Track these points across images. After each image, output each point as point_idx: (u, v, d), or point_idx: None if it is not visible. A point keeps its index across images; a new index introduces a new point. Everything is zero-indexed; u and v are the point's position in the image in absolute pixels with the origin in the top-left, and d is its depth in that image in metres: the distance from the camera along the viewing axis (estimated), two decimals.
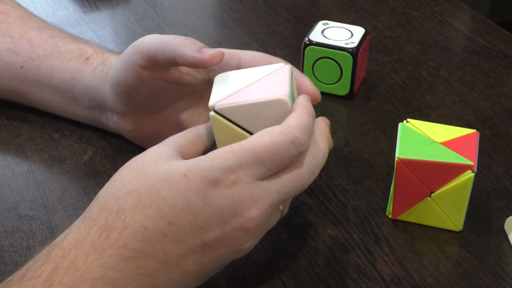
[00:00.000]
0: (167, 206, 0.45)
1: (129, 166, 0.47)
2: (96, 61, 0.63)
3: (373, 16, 0.91)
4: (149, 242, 0.44)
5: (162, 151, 0.48)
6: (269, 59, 0.56)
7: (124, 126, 0.63)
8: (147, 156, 0.48)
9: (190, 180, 0.45)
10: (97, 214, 0.45)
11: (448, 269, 0.55)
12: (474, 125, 0.71)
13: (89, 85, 0.62)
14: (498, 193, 0.63)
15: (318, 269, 0.55)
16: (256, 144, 0.46)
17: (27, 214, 0.58)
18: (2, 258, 0.54)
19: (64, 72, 0.63)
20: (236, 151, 0.46)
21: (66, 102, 0.65)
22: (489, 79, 0.79)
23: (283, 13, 0.91)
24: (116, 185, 0.46)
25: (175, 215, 0.45)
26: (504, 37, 0.87)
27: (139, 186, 0.45)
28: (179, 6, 0.92)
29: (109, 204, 0.45)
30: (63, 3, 0.91)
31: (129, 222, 0.44)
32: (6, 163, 0.64)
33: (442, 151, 0.56)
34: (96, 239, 0.44)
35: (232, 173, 0.46)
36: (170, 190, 0.45)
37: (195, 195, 0.45)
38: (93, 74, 0.62)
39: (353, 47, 0.72)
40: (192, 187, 0.45)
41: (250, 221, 0.46)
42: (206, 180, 0.45)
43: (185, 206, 0.45)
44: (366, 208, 0.60)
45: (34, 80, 0.65)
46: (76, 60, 0.64)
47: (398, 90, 0.77)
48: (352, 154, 0.67)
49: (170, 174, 0.46)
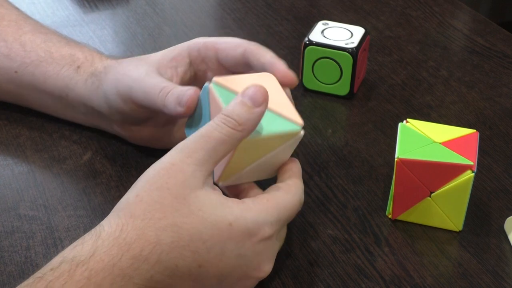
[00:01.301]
0: (204, 249, 0.45)
1: (169, 186, 0.45)
2: (87, 70, 0.62)
3: (373, 16, 0.91)
4: (174, 278, 0.45)
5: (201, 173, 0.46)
6: (244, 45, 0.57)
7: (123, 133, 0.64)
8: (187, 176, 0.46)
9: (234, 230, 0.46)
10: (133, 240, 0.44)
11: (448, 269, 0.55)
12: (474, 125, 0.71)
13: (83, 95, 0.62)
14: (498, 193, 0.63)
15: (318, 269, 0.55)
16: (286, 202, 0.49)
17: (27, 214, 0.58)
18: (2, 258, 0.54)
19: (57, 80, 0.63)
20: (275, 207, 0.48)
21: (63, 107, 0.65)
22: (489, 79, 0.79)
23: (283, 13, 0.91)
24: (157, 211, 0.45)
25: (207, 259, 0.45)
26: (504, 37, 0.87)
27: (181, 222, 0.45)
28: (179, 6, 0.92)
29: (148, 233, 0.44)
30: (63, 3, 0.90)
31: (163, 258, 0.44)
32: (6, 163, 0.64)
33: (442, 151, 0.56)
34: (127, 267, 0.43)
35: (270, 229, 0.48)
36: (213, 236, 0.45)
37: (233, 245, 0.46)
38: (85, 85, 0.61)
39: (353, 47, 0.72)
40: (233, 237, 0.46)
41: (265, 273, 0.49)
42: (247, 232, 0.46)
43: (219, 253, 0.46)
44: (366, 208, 0.60)
45: (29, 84, 0.65)
46: (68, 67, 0.63)
47: (398, 90, 0.77)
48: (352, 154, 0.67)
49: (216, 220, 0.46)
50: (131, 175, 0.63)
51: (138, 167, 0.64)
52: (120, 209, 0.46)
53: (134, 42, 0.83)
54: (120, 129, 0.63)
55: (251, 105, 0.47)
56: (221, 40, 0.58)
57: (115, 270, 0.43)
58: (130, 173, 0.63)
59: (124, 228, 0.44)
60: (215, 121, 0.47)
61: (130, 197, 0.46)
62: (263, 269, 0.49)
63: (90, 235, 0.45)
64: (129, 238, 0.44)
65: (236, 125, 0.47)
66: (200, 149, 0.47)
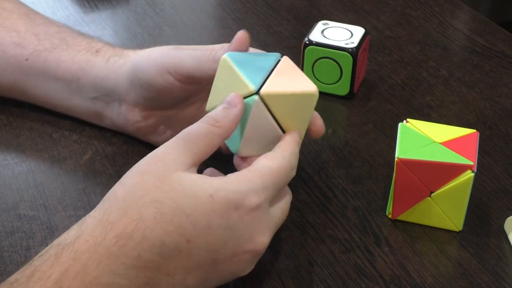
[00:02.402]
0: (189, 224, 0.45)
1: (150, 170, 0.46)
2: (109, 52, 0.64)
3: (373, 16, 0.91)
4: (163, 256, 0.44)
5: (182, 160, 0.47)
6: None
7: (130, 117, 0.63)
8: (168, 162, 0.47)
9: (215, 202, 0.46)
10: (116, 219, 0.44)
11: (448, 269, 0.55)
12: (474, 125, 0.71)
13: (99, 75, 0.63)
14: (498, 193, 0.63)
15: (318, 269, 0.55)
16: (271, 168, 0.49)
17: (27, 214, 0.58)
18: (2, 258, 0.54)
19: (72, 63, 0.64)
20: (259, 174, 0.48)
21: (70, 94, 0.65)
22: (489, 79, 0.79)
23: (283, 13, 0.91)
24: (139, 190, 0.45)
25: (195, 234, 0.45)
26: (504, 37, 0.87)
27: (163, 197, 0.45)
28: (179, 6, 0.92)
29: (131, 211, 0.44)
30: (63, 3, 0.91)
31: (148, 234, 0.44)
32: (6, 163, 0.64)
33: (442, 151, 0.56)
34: (112, 245, 0.43)
35: (256, 197, 0.47)
36: (195, 210, 0.45)
37: (218, 218, 0.46)
38: (106, 64, 0.63)
39: (353, 47, 0.72)
40: (217, 209, 0.46)
41: (260, 247, 0.48)
42: (231, 203, 0.46)
43: (206, 227, 0.45)
44: (366, 208, 0.60)
45: (38, 72, 0.65)
46: (85, 52, 0.64)
47: (398, 90, 0.77)
48: (352, 154, 0.67)
49: (196, 193, 0.46)
50: None
51: None
52: (105, 198, 0.47)
53: (134, 42, 0.83)
54: (128, 112, 0.63)
55: (227, 106, 0.50)
56: None
57: (100, 249, 0.43)
58: None
59: (107, 211, 0.45)
60: (198, 122, 0.50)
61: (115, 186, 0.47)
62: (257, 241, 0.48)
63: (77, 224, 0.46)
64: (112, 217, 0.44)
65: (214, 122, 0.50)
66: (181, 142, 0.48)
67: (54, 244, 0.44)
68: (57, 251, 0.43)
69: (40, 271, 0.43)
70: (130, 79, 0.61)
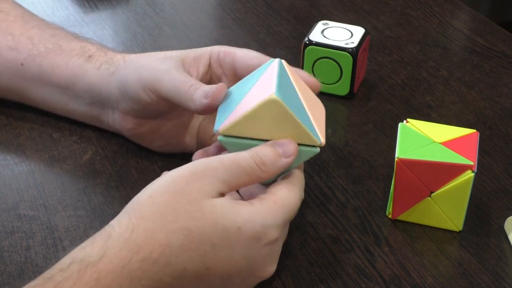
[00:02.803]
0: (212, 252, 0.45)
1: (184, 191, 0.46)
2: (100, 59, 0.63)
3: (373, 16, 0.91)
4: (182, 280, 0.45)
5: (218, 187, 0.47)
6: (261, 58, 0.58)
7: (124, 124, 0.63)
8: (204, 185, 0.46)
9: (243, 234, 0.46)
10: (143, 242, 0.44)
11: (448, 269, 0.55)
12: (474, 125, 0.71)
13: (92, 82, 0.62)
14: (498, 193, 0.63)
15: (318, 269, 0.55)
16: (289, 203, 0.49)
17: (27, 214, 0.58)
18: (2, 258, 0.54)
19: (66, 69, 0.64)
20: (282, 209, 0.48)
21: (67, 99, 0.65)
22: (489, 79, 0.79)
23: (283, 13, 0.91)
24: (169, 214, 0.45)
25: (215, 262, 0.46)
26: (504, 37, 0.87)
27: (192, 225, 0.45)
28: (179, 6, 0.92)
29: (159, 235, 0.44)
30: (63, 3, 0.91)
31: (173, 261, 0.44)
32: (6, 163, 0.64)
33: (442, 151, 0.56)
34: (136, 269, 0.43)
35: (277, 232, 0.48)
36: (221, 240, 0.46)
37: (241, 248, 0.46)
38: (98, 72, 0.62)
39: (353, 47, 0.72)
40: (242, 240, 0.46)
41: (268, 274, 0.50)
42: (255, 236, 0.47)
43: (228, 256, 0.46)
44: (366, 208, 0.60)
45: (34, 77, 0.65)
46: (78, 57, 0.64)
47: (398, 90, 0.77)
48: (352, 154, 0.67)
49: (226, 224, 0.46)
50: (131, 175, 0.63)
51: (138, 167, 0.64)
52: (132, 209, 0.46)
53: (134, 42, 0.83)
54: (121, 119, 0.63)
55: (281, 154, 0.50)
56: (240, 50, 0.60)
57: (124, 272, 0.43)
58: (130, 173, 0.63)
59: (134, 230, 0.44)
60: (245, 153, 0.49)
61: (142, 198, 0.46)
62: (268, 270, 0.49)
63: (101, 235, 0.45)
64: (139, 240, 0.44)
65: (261, 164, 0.49)
66: (224, 170, 0.48)
67: (77, 259, 0.43)
68: (80, 268, 0.43)
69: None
70: (119, 90, 0.61)
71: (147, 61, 0.59)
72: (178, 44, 0.83)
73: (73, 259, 0.43)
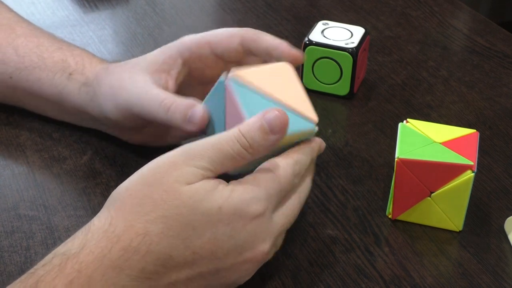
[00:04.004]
0: (195, 236, 0.45)
1: (161, 182, 0.45)
2: (78, 79, 0.62)
3: (373, 16, 0.91)
4: (169, 268, 0.45)
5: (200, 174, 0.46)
6: (239, 34, 0.57)
7: (121, 136, 0.64)
8: (183, 173, 0.45)
9: (223, 213, 0.45)
10: (122, 232, 0.44)
11: (448, 269, 0.55)
12: (474, 125, 0.71)
13: (78, 104, 0.62)
14: (498, 193, 0.63)
15: (318, 269, 0.55)
16: (276, 176, 0.48)
17: (27, 214, 0.58)
18: (2, 258, 0.54)
19: (51, 86, 0.63)
20: (264, 183, 0.47)
21: (60, 112, 0.65)
22: (489, 79, 0.79)
23: (283, 13, 0.91)
24: (147, 204, 0.45)
25: (200, 245, 0.45)
26: (504, 37, 0.87)
27: (171, 213, 0.44)
28: (179, 6, 0.92)
29: (137, 225, 0.44)
30: (63, 3, 0.91)
31: (154, 248, 0.44)
32: (6, 163, 0.64)
33: (442, 151, 0.56)
34: (117, 258, 0.43)
35: (260, 206, 0.47)
36: (202, 222, 0.45)
37: (224, 228, 0.45)
38: (79, 95, 0.62)
39: (353, 47, 0.72)
40: (223, 219, 0.45)
41: (262, 254, 0.48)
42: (237, 212, 0.46)
43: (212, 238, 0.45)
44: (366, 208, 0.60)
45: (24, 90, 0.65)
46: (60, 74, 0.62)
47: (398, 90, 0.77)
48: (352, 154, 0.67)
49: (206, 206, 0.45)
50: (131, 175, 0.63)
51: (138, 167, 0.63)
52: (110, 203, 0.46)
53: (134, 42, 0.83)
54: (118, 133, 0.64)
55: (268, 131, 0.47)
56: (212, 34, 0.58)
57: (105, 261, 0.43)
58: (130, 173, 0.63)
59: (113, 221, 0.44)
60: (229, 135, 0.47)
61: (120, 191, 0.46)
62: (259, 249, 0.47)
63: (81, 231, 0.45)
64: (118, 230, 0.44)
65: (248, 147, 0.47)
66: (206, 157, 0.46)
67: (58, 253, 0.44)
68: (62, 261, 0.43)
69: (44, 282, 0.42)
70: (102, 114, 0.60)
71: (117, 81, 0.58)
72: None
73: (55, 254, 0.44)
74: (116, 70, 0.60)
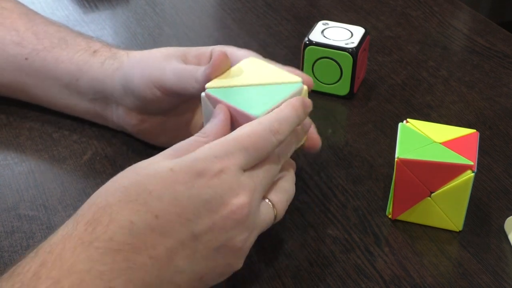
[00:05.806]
0: (154, 199, 0.45)
1: (124, 170, 0.48)
2: (105, 54, 0.64)
3: (373, 16, 0.91)
4: (135, 235, 0.44)
5: (158, 157, 0.48)
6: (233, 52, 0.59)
7: (128, 120, 0.63)
8: (144, 161, 0.48)
9: (176, 173, 0.46)
10: (85, 209, 0.45)
11: (448, 269, 0.55)
12: (474, 125, 0.71)
13: (96, 77, 0.63)
14: (498, 193, 0.63)
15: (318, 269, 0.55)
16: (238, 134, 0.49)
17: (27, 214, 0.58)
18: (2, 258, 0.54)
19: (70, 63, 0.64)
20: (221, 141, 0.48)
21: (70, 94, 0.66)
22: (489, 79, 0.79)
23: (283, 13, 0.91)
24: (108, 184, 0.47)
25: (161, 208, 0.45)
26: (504, 37, 0.87)
27: (127, 183, 0.46)
28: (179, 6, 0.92)
29: (98, 200, 0.45)
30: (63, 3, 0.91)
31: (115, 216, 0.44)
32: (6, 163, 0.64)
33: (442, 151, 0.56)
34: (83, 232, 0.44)
35: (218, 162, 0.47)
36: (157, 184, 0.45)
37: (182, 187, 0.45)
38: (102, 67, 0.63)
39: (353, 47, 0.72)
40: (178, 179, 0.45)
41: (239, 209, 0.47)
42: (192, 171, 0.46)
43: (172, 199, 0.45)
44: (366, 208, 0.60)
45: (38, 71, 0.65)
46: (83, 52, 0.64)
47: (398, 90, 0.77)
48: (352, 154, 0.67)
49: (157, 170, 0.46)
50: None
51: None
52: None
53: (134, 42, 0.83)
54: (125, 115, 0.63)
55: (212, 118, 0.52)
56: (240, 51, 0.60)
57: (73, 238, 0.43)
58: None
59: (79, 209, 0.46)
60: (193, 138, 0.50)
61: None
62: (234, 203, 0.46)
63: None
64: (82, 211, 0.45)
65: (201, 135, 0.50)
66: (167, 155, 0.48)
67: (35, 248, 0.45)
68: (35, 252, 0.44)
69: (20, 267, 0.43)
70: (123, 86, 0.61)
71: (150, 58, 0.60)
72: (178, 44, 0.83)
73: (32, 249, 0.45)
74: (149, 51, 0.62)
